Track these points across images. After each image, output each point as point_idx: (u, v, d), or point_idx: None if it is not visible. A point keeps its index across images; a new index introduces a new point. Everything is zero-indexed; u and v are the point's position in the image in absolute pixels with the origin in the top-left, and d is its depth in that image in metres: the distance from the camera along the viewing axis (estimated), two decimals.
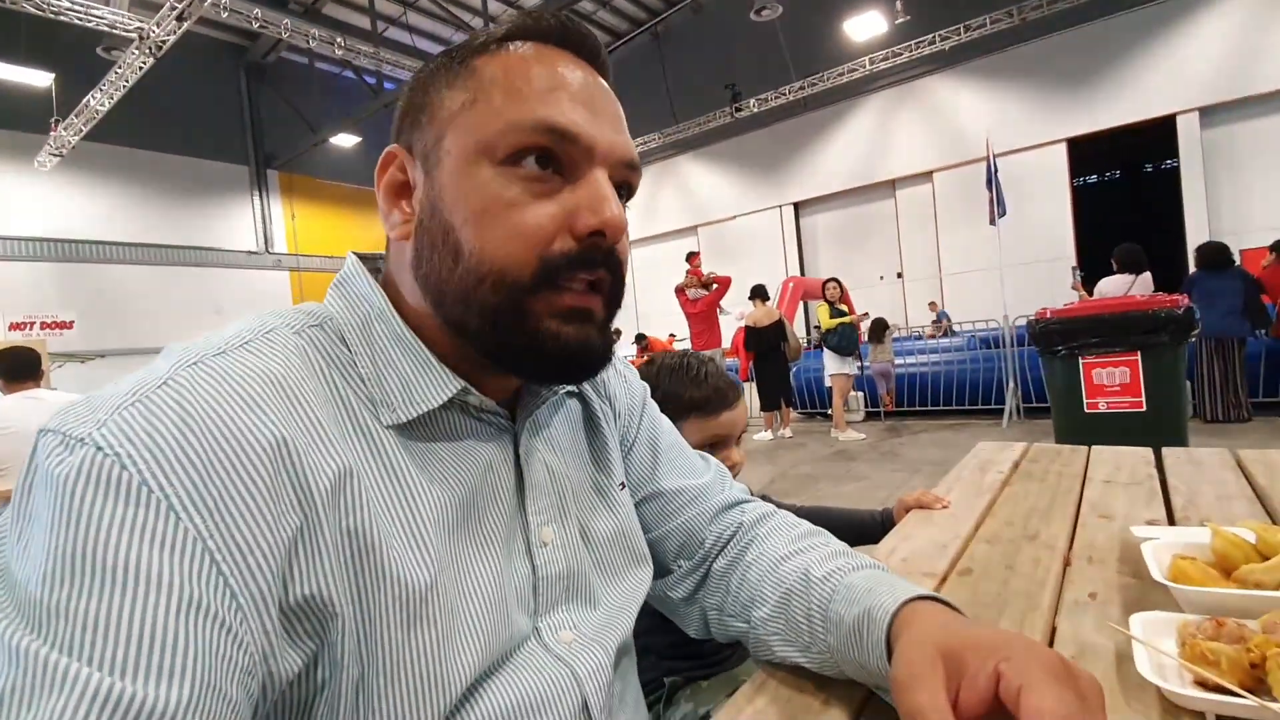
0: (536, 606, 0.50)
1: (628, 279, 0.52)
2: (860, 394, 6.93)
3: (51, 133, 9.23)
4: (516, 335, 0.44)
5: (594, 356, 0.47)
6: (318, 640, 0.37)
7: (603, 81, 0.49)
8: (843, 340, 6.02)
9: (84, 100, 8.84)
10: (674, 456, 0.68)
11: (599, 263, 0.45)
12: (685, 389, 1.00)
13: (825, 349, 6.17)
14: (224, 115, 12.58)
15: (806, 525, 0.66)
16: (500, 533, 0.48)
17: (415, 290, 0.47)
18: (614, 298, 0.48)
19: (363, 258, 0.51)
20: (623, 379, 0.67)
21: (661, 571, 0.66)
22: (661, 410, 0.99)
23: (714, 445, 1.01)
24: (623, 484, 0.62)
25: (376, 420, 0.43)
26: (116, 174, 11.22)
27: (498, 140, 0.43)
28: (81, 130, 9.18)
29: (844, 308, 6.18)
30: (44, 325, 9.78)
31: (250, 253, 12.83)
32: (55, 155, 9.56)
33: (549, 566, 0.51)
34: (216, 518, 0.33)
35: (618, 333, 9.31)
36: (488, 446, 0.49)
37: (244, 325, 0.43)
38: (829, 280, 6.42)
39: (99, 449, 0.32)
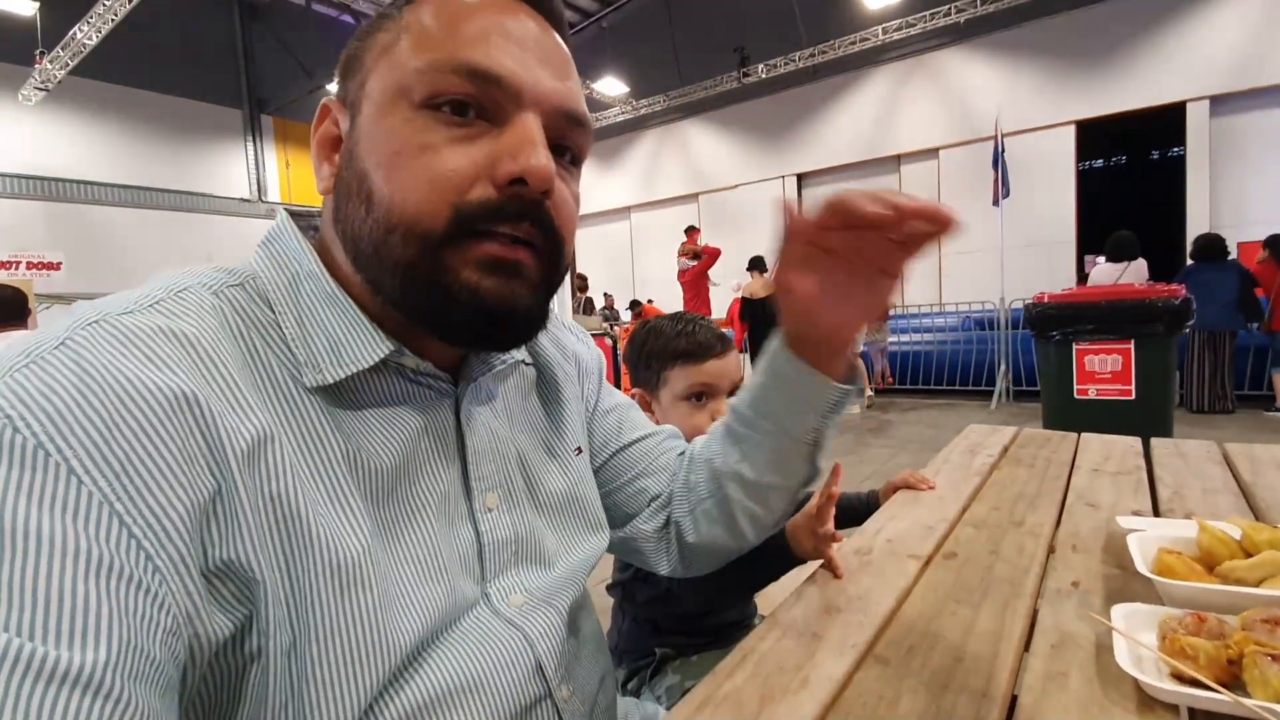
0: (483, 572, 0.49)
1: (625, 244, 0.49)
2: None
3: (36, 65, 8.91)
4: (430, 290, 0.41)
5: (518, 317, 0.43)
6: (248, 606, 0.36)
7: (547, 29, 0.46)
8: None
9: (71, 32, 8.52)
10: (635, 415, 0.70)
11: (523, 215, 0.41)
12: (673, 339, 1.00)
13: None
14: (217, 55, 12.16)
15: None
16: (434, 499, 0.46)
17: (338, 246, 0.45)
18: (551, 258, 0.44)
19: (298, 215, 0.49)
20: (585, 345, 0.68)
21: (638, 512, 0.67)
22: (650, 361, 1.03)
23: (703, 395, 1.00)
24: (579, 449, 0.61)
25: (299, 384, 0.41)
26: (105, 112, 10.88)
27: (415, 81, 0.41)
28: (68, 64, 8.87)
29: None
30: (31, 265, 9.59)
31: (243, 200, 12.56)
32: (40, 89, 9.24)
33: (495, 531, 0.50)
34: (124, 479, 0.31)
35: (613, 310, 9.28)
36: (424, 411, 0.47)
37: (156, 284, 0.40)
38: None
39: None
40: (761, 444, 0.59)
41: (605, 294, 9.78)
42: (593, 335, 0.70)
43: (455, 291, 0.41)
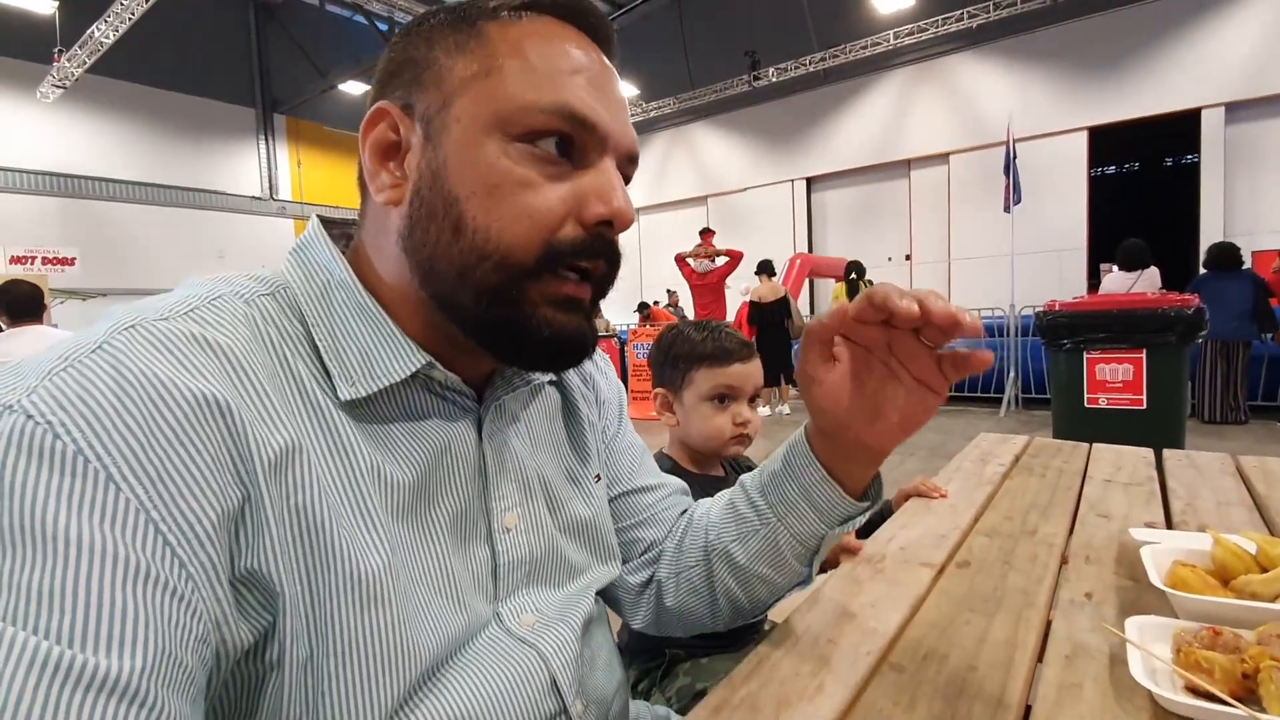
0: (496, 592, 0.49)
1: (633, 245, 0.51)
2: None
3: (54, 63, 9.02)
4: (510, 318, 0.43)
5: (582, 346, 0.47)
6: (270, 615, 0.36)
7: (612, 68, 0.48)
8: None
9: (88, 31, 8.62)
10: (649, 462, 0.70)
11: (600, 252, 0.45)
12: (699, 343, 1.05)
13: None
14: (231, 55, 12.28)
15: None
16: (451, 518, 0.47)
17: (397, 259, 0.45)
18: (604, 288, 0.48)
19: (329, 223, 0.49)
20: (604, 375, 0.67)
21: (628, 560, 0.66)
22: (676, 362, 1.06)
23: (725, 397, 1.04)
24: (598, 476, 0.61)
25: (329, 396, 0.41)
26: (121, 110, 11.00)
27: (516, 116, 0.42)
28: (85, 62, 8.96)
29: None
30: (46, 260, 9.68)
31: (255, 198, 12.66)
32: (58, 87, 9.35)
33: (511, 552, 0.50)
34: (160, 487, 0.32)
35: (678, 309, 9.30)
36: (448, 428, 0.48)
37: (190, 291, 0.40)
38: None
39: (29, 417, 0.30)
40: (759, 532, 0.57)
41: (669, 290, 9.76)
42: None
43: (534, 326, 0.44)
